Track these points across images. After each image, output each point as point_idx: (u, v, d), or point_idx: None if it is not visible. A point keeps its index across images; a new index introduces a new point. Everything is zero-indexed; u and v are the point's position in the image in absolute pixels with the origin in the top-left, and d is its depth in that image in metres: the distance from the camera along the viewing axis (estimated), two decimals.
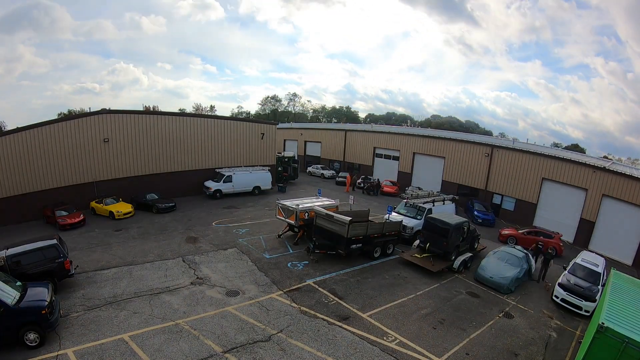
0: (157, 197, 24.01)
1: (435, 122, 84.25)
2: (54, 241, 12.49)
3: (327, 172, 41.67)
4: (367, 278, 14.98)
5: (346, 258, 16.40)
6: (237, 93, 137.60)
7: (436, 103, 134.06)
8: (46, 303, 9.55)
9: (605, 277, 14.42)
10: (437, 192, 26.81)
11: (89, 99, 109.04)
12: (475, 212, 26.22)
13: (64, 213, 19.56)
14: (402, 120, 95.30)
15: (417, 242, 17.69)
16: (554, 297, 14.50)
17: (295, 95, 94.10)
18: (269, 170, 30.45)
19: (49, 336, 9.61)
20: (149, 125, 25.26)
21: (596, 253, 18.84)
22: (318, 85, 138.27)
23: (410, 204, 20.99)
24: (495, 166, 29.04)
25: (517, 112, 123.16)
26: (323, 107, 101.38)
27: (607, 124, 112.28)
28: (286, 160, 35.95)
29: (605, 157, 47.00)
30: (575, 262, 15.51)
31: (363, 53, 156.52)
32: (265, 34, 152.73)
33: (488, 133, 77.88)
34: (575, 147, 65.57)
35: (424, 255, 16.70)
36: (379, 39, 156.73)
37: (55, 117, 38.20)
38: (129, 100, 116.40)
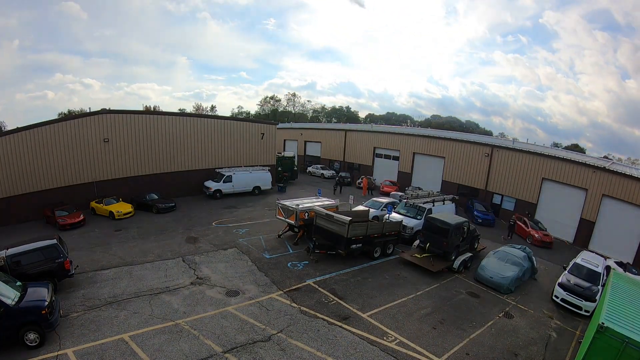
0: (157, 197, 24.01)
1: (435, 122, 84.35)
2: (54, 241, 12.48)
3: (327, 172, 41.72)
4: (367, 278, 14.98)
5: (346, 258, 16.39)
6: (199, 93, 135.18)
7: (404, 95, 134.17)
8: (46, 303, 9.55)
9: (605, 277, 14.43)
10: (437, 192, 26.82)
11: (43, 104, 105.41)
12: (475, 212, 26.22)
13: (64, 213, 19.56)
14: (402, 120, 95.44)
15: (417, 242, 17.69)
16: (554, 297, 14.50)
17: (294, 95, 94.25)
18: (269, 170, 30.46)
19: (49, 336, 9.61)
20: (149, 125, 25.26)
21: (596, 253, 18.84)
22: (275, 82, 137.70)
23: (410, 204, 21.00)
24: (495, 166, 29.04)
25: (492, 102, 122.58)
26: (323, 107, 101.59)
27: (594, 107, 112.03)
28: (287, 160, 36.08)
29: (605, 157, 47.08)
30: (575, 262, 15.51)
31: (319, 47, 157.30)
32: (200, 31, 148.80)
33: (488, 133, 78.06)
34: (575, 147, 65.77)
35: (424, 255, 16.70)
36: (336, 32, 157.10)
37: (55, 117, 38.15)
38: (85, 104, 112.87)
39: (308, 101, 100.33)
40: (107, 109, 24.09)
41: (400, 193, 22.57)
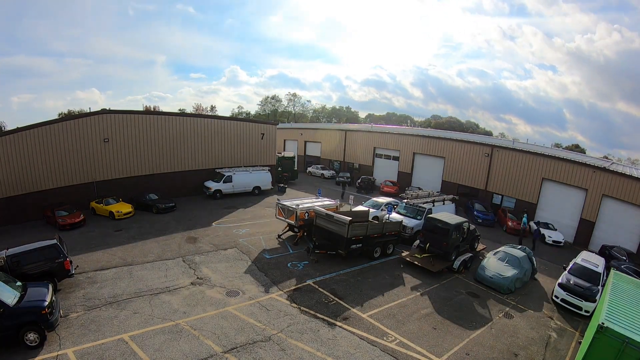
0: (157, 197, 24.00)
1: (436, 122, 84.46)
2: (54, 241, 12.48)
3: (327, 172, 41.78)
4: (367, 278, 14.98)
5: (346, 258, 16.39)
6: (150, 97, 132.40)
7: (355, 86, 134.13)
8: (46, 303, 9.55)
9: (605, 277, 14.43)
10: (437, 192, 26.82)
11: None
12: (475, 212, 26.22)
13: (64, 213, 19.54)
14: (402, 120, 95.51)
15: (417, 242, 17.69)
16: (554, 297, 14.50)
17: (295, 95, 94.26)
18: (269, 170, 30.47)
19: (49, 336, 9.62)
20: (149, 125, 25.25)
21: (596, 253, 18.84)
22: (205, 86, 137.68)
23: (410, 204, 21.01)
24: (495, 166, 29.04)
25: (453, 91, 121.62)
26: (323, 107, 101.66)
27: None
28: (287, 160, 36.15)
29: (605, 157, 47.15)
30: (575, 262, 15.51)
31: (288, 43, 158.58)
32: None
33: (488, 133, 78.19)
34: (575, 148, 65.92)
35: (424, 255, 16.70)
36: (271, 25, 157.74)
37: (56, 117, 38.08)
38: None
39: (308, 101, 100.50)
40: (107, 109, 24.10)
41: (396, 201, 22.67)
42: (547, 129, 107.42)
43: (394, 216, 19.69)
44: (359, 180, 35.88)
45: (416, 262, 16.13)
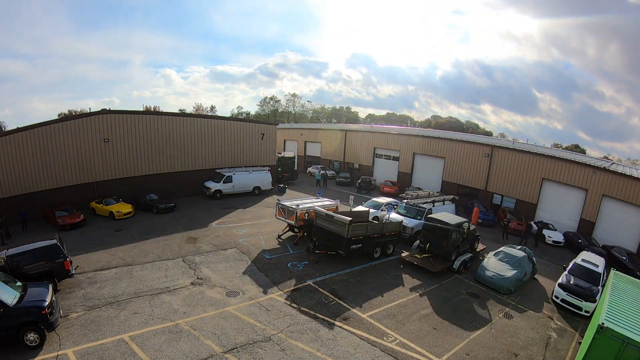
0: (157, 197, 24.00)
1: (436, 122, 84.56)
2: (54, 241, 12.48)
3: (327, 173, 41.76)
4: (367, 278, 14.98)
5: (346, 258, 16.39)
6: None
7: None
8: (46, 303, 9.55)
9: (605, 277, 14.43)
10: (437, 192, 26.82)
11: None
12: None
13: (64, 213, 19.54)
14: (402, 120, 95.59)
15: (417, 242, 17.69)
16: (554, 298, 14.50)
17: (295, 95, 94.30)
18: (269, 170, 30.48)
19: (49, 336, 9.62)
20: (149, 125, 25.26)
21: (596, 253, 18.84)
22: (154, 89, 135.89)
23: (411, 205, 21.01)
24: (495, 166, 29.04)
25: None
26: (323, 108, 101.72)
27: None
28: (287, 160, 36.18)
29: (605, 157, 47.20)
30: (575, 263, 15.50)
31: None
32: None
33: (488, 133, 78.29)
34: (575, 148, 65.99)
35: (424, 255, 16.70)
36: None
37: (55, 117, 38.09)
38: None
39: (308, 102, 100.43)
40: (107, 109, 24.13)
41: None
42: (527, 118, 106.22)
43: (394, 216, 19.69)
44: (359, 181, 35.90)
45: (416, 263, 16.14)
